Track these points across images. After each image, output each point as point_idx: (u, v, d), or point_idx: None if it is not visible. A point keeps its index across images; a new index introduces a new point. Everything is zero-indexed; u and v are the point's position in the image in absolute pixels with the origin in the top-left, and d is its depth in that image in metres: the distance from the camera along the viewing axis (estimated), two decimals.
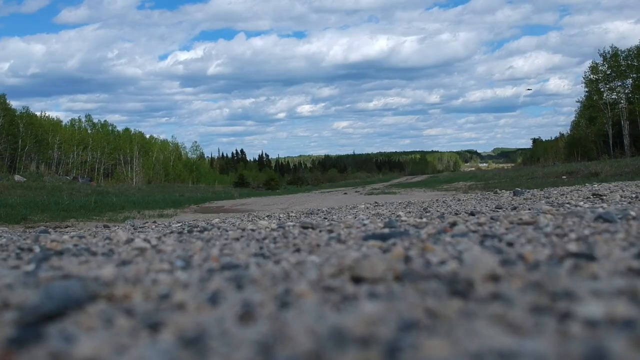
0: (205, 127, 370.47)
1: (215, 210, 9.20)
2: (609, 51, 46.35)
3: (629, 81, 45.83)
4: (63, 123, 64.26)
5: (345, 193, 11.25)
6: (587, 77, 48.42)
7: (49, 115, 63.41)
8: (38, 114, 61.40)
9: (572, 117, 73.67)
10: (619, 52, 45.85)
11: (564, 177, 9.86)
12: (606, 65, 46.63)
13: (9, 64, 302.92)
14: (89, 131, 64.91)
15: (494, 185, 10.64)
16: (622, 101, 45.45)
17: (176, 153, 71.38)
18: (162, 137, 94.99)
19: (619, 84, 46.31)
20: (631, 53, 44.88)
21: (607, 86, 47.22)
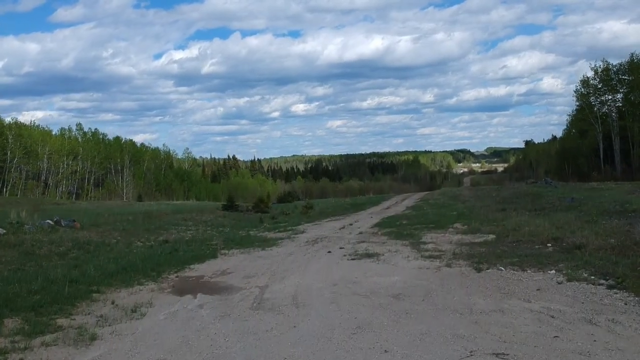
0: (199, 126, 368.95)
1: (193, 284, 9.05)
2: (600, 65, 46.42)
3: (620, 95, 45.86)
4: (53, 132, 63.78)
5: (330, 251, 11.10)
6: (579, 91, 48.45)
7: (38, 125, 62.94)
8: (27, 122, 61.01)
9: (565, 117, 73.75)
10: (610, 66, 45.92)
11: (549, 245, 9.74)
12: (597, 79, 46.65)
13: (2, 63, 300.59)
14: (80, 140, 64.44)
15: (481, 245, 10.53)
16: (613, 113, 45.44)
17: (167, 161, 71.02)
18: (153, 145, 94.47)
19: (610, 97, 46.34)
20: (622, 67, 44.93)
21: (598, 100, 47.23)
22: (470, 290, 7.17)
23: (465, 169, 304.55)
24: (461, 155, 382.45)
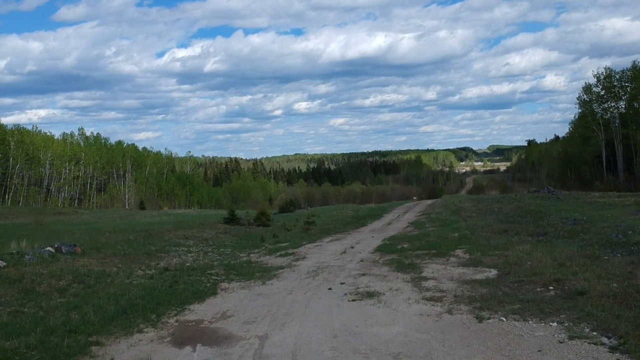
0: (202, 125, 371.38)
1: (193, 331, 9.04)
2: (602, 72, 46.23)
3: (622, 103, 45.64)
4: (55, 137, 63.78)
5: (330, 288, 11.07)
6: (581, 98, 48.29)
7: (40, 130, 62.92)
8: (30, 120, 61.57)
9: (567, 114, 73.99)
10: (613, 73, 45.70)
11: (551, 288, 9.68)
12: (600, 87, 46.48)
13: (5, 62, 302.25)
14: (82, 144, 64.44)
15: (482, 284, 10.49)
16: (616, 120, 45.28)
17: (169, 165, 70.94)
18: (155, 145, 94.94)
19: (613, 104, 46.16)
20: (625, 74, 44.71)
21: (601, 107, 47.05)
22: (471, 350, 7.12)
23: (468, 168, 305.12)
24: (463, 153, 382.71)
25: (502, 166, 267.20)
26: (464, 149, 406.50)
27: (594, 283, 9.41)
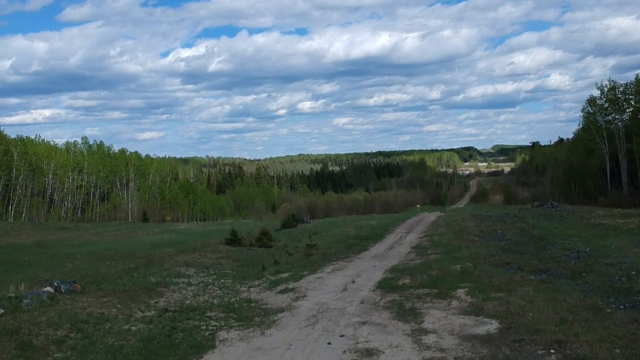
0: (206, 124, 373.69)
1: None
2: (606, 84, 45.92)
3: (626, 116, 45.31)
4: (59, 145, 63.91)
5: (329, 343, 10.97)
6: (585, 109, 47.99)
7: (44, 139, 63.02)
8: (34, 127, 61.82)
9: (572, 113, 73.85)
10: (617, 86, 45.36)
11: (552, 352, 9.54)
12: (604, 99, 46.18)
13: (10, 62, 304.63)
14: (85, 153, 64.52)
15: (483, 342, 10.36)
16: (620, 133, 44.93)
17: (172, 173, 70.93)
18: (159, 147, 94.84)
19: (617, 117, 45.84)
20: (629, 87, 44.33)
21: (605, 119, 46.76)
22: None
23: (472, 169, 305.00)
24: (467, 153, 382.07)
25: (507, 167, 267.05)
26: (468, 148, 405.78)
27: (596, 348, 9.27)
